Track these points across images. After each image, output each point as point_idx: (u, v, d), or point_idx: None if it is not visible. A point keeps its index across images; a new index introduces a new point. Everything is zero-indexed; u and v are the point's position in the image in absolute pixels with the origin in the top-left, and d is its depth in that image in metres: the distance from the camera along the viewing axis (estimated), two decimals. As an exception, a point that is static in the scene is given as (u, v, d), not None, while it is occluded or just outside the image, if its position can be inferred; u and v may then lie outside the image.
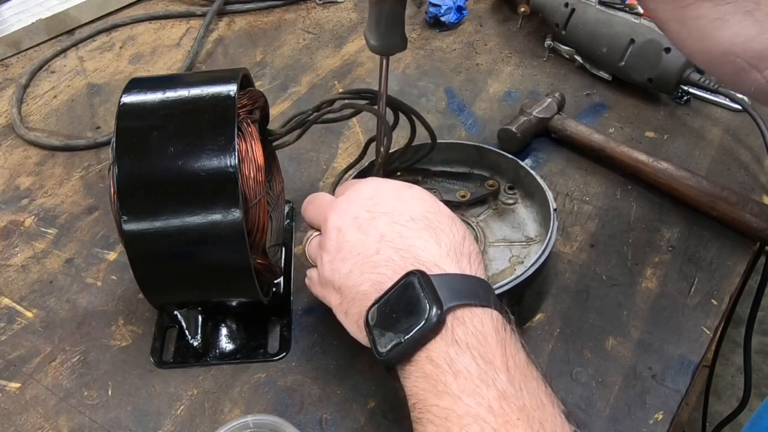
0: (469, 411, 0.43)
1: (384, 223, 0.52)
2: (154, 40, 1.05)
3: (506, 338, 0.46)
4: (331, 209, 0.56)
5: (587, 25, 0.92)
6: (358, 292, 0.51)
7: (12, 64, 1.01)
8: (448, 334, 0.46)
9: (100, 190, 0.82)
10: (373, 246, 0.52)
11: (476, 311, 0.47)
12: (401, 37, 0.60)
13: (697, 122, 0.88)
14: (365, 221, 0.53)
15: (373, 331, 0.49)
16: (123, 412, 0.62)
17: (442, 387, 0.44)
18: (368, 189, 0.56)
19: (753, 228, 0.73)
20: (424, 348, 0.46)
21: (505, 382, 0.44)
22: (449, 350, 0.45)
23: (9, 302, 0.71)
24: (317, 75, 0.97)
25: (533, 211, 0.72)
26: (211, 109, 0.57)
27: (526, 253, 0.69)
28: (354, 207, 0.55)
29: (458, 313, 0.46)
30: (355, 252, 0.52)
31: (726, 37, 0.53)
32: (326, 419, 0.61)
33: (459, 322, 0.46)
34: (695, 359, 0.64)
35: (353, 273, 0.52)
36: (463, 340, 0.45)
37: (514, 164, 0.73)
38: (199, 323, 0.65)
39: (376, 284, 0.50)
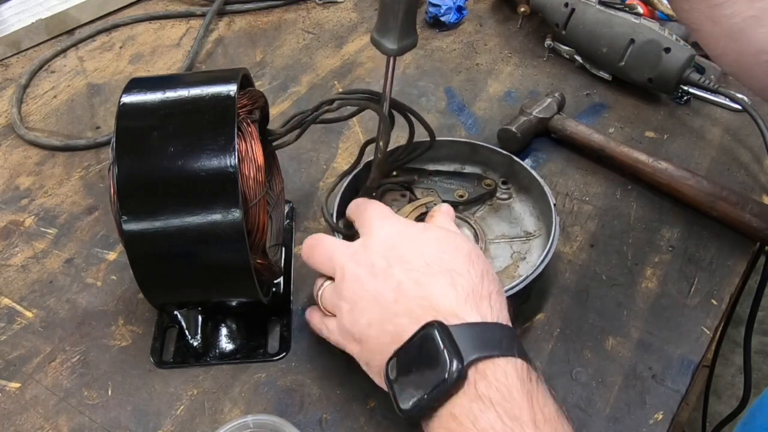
0: None
1: (400, 271, 0.51)
2: (154, 40, 1.05)
3: (533, 389, 0.45)
4: (345, 256, 0.55)
5: (587, 25, 0.92)
6: (378, 344, 0.50)
7: (12, 64, 1.01)
8: (470, 390, 0.44)
9: (100, 190, 0.82)
10: (391, 295, 0.51)
11: (499, 362, 0.45)
12: (415, 34, 0.59)
13: (697, 122, 0.88)
14: (382, 269, 0.52)
15: (394, 385, 0.48)
16: (123, 412, 0.62)
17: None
18: (383, 233, 0.55)
19: (753, 228, 0.73)
20: (446, 404, 0.45)
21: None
22: (472, 407, 0.44)
23: (9, 302, 0.71)
24: (317, 75, 0.97)
25: (529, 206, 0.73)
26: (211, 109, 0.57)
27: (527, 248, 0.69)
28: (370, 253, 0.54)
29: (480, 367, 0.45)
30: (374, 302, 0.51)
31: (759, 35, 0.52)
32: (326, 419, 0.61)
33: (481, 376, 0.45)
34: (695, 359, 0.64)
35: (373, 325, 0.51)
36: (486, 396, 0.44)
37: (507, 159, 0.74)
38: (199, 323, 0.65)
39: (396, 336, 0.49)
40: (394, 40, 0.57)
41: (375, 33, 0.58)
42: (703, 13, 0.55)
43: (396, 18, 0.56)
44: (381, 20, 0.57)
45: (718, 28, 0.54)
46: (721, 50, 0.56)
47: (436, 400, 0.45)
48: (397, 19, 0.56)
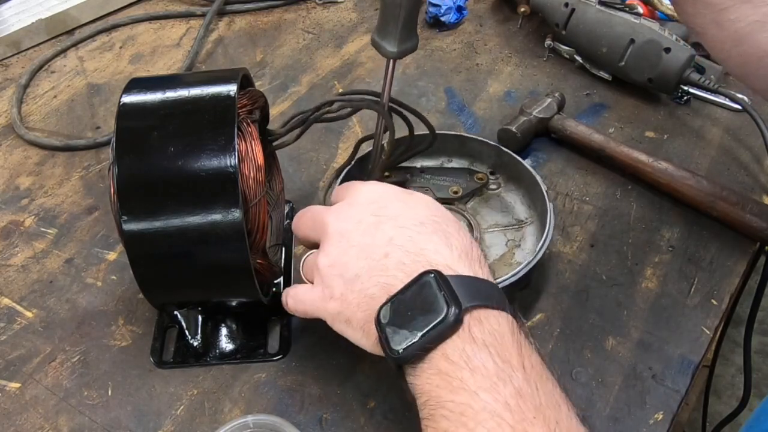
0: (486, 407, 0.42)
1: (391, 227, 0.52)
2: (154, 40, 1.05)
3: (521, 340, 0.46)
4: (330, 215, 0.55)
5: (587, 25, 0.92)
6: (365, 296, 0.50)
7: (12, 64, 1.01)
8: (465, 333, 0.45)
9: (100, 190, 0.82)
10: (381, 250, 0.51)
11: (492, 313, 0.47)
12: (416, 37, 0.59)
13: (697, 122, 0.88)
14: (371, 225, 0.52)
15: (386, 329, 0.48)
16: (123, 412, 0.62)
17: (458, 383, 0.44)
18: (369, 192, 0.55)
19: (753, 228, 0.73)
20: (440, 346, 0.46)
21: (521, 381, 0.44)
22: (466, 347, 0.45)
23: (9, 302, 0.71)
24: (317, 75, 0.97)
25: (519, 195, 0.74)
26: (211, 109, 0.57)
27: (520, 235, 0.70)
28: (356, 211, 0.54)
29: (475, 314, 0.46)
30: (362, 256, 0.51)
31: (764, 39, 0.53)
32: (326, 419, 0.61)
33: (476, 321, 0.46)
34: (695, 359, 0.64)
35: (360, 277, 0.51)
36: (479, 339, 0.45)
37: (495, 150, 0.75)
38: (199, 323, 0.65)
39: (386, 287, 0.49)
40: (395, 43, 0.57)
41: (375, 35, 0.58)
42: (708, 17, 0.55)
43: (397, 21, 0.56)
44: (382, 22, 0.57)
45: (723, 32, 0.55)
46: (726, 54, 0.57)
47: (431, 342, 0.46)
48: (398, 23, 0.56)
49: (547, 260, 0.72)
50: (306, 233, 0.58)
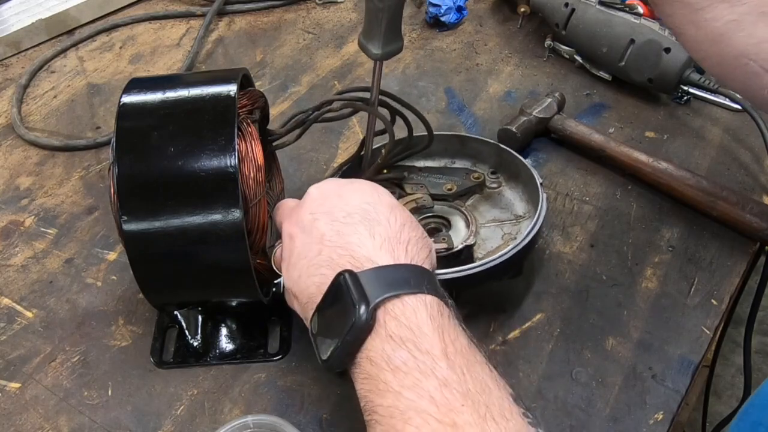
0: (411, 405, 0.42)
1: (324, 223, 0.53)
2: (154, 40, 1.05)
3: (443, 324, 0.46)
4: (285, 217, 0.57)
5: (587, 25, 0.92)
6: (308, 296, 0.52)
7: (12, 64, 1.01)
8: (381, 331, 0.45)
9: (100, 190, 0.82)
10: (315, 247, 0.52)
11: (408, 300, 0.46)
12: (401, 40, 0.60)
13: (697, 122, 0.88)
14: (308, 223, 0.54)
15: (316, 339, 0.49)
16: (123, 412, 0.62)
17: (383, 386, 0.44)
18: (315, 191, 0.57)
19: (753, 228, 0.73)
20: (363, 349, 0.46)
21: (445, 370, 0.43)
22: (385, 347, 0.45)
23: (9, 302, 0.71)
24: (317, 75, 0.97)
25: (519, 192, 0.74)
26: (211, 109, 0.57)
27: (517, 229, 0.70)
28: (301, 211, 0.55)
29: (389, 307, 0.46)
30: (302, 256, 0.53)
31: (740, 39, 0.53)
32: (326, 419, 0.61)
33: (391, 317, 0.46)
34: (695, 359, 0.64)
35: (302, 277, 0.52)
36: (397, 335, 0.45)
37: (495, 149, 0.75)
38: (199, 323, 0.65)
39: (320, 285, 0.50)
40: (379, 45, 0.59)
41: (361, 37, 0.61)
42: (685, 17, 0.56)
43: (380, 25, 0.57)
44: (367, 25, 0.59)
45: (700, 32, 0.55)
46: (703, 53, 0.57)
47: (351, 345, 0.46)
48: (381, 26, 0.57)
49: (547, 260, 0.72)
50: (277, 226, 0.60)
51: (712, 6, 0.53)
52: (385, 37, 0.59)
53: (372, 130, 0.66)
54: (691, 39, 0.57)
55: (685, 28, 0.57)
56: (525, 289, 0.70)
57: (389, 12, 0.57)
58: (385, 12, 0.57)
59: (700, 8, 0.54)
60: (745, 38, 0.53)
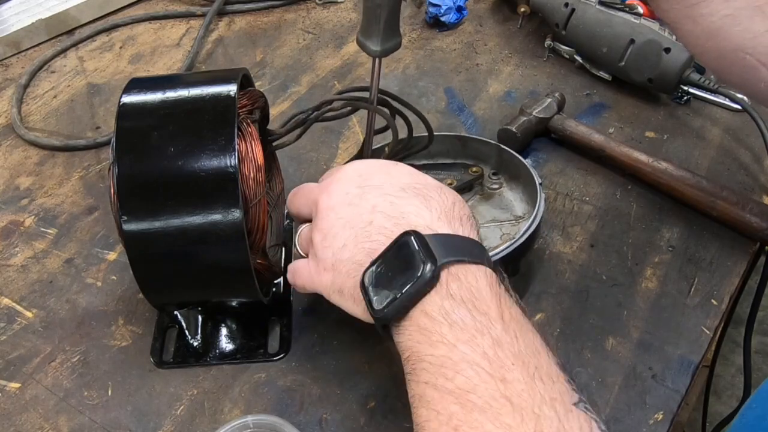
0: (464, 357, 0.43)
1: (375, 195, 0.53)
2: (154, 40, 1.05)
3: (500, 292, 0.47)
4: (320, 192, 0.56)
5: (587, 25, 0.92)
6: (353, 264, 0.52)
7: (12, 64, 1.01)
8: (443, 289, 0.46)
9: (100, 190, 0.82)
10: (366, 217, 0.52)
11: (470, 268, 0.47)
12: (399, 36, 0.60)
13: (697, 122, 0.88)
14: (356, 196, 0.54)
15: (369, 291, 0.49)
16: (123, 412, 0.62)
17: (438, 337, 0.45)
18: (355, 168, 0.57)
19: (753, 228, 0.73)
20: (419, 303, 0.46)
21: (500, 331, 0.44)
22: (444, 303, 0.46)
23: (9, 302, 0.71)
24: (317, 75, 0.97)
25: (519, 192, 0.74)
26: (211, 109, 0.57)
27: (516, 230, 0.70)
28: (344, 185, 0.55)
29: (452, 269, 0.47)
30: (348, 226, 0.53)
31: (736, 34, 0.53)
32: (326, 419, 0.61)
33: (453, 278, 0.47)
34: (695, 359, 0.64)
35: (347, 246, 0.52)
36: (457, 294, 0.46)
37: (496, 149, 0.75)
38: (199, 323, 0.65)
39: (371, 252, 0.50)
40: (378, 42, 0.59)
41: (360, 35, 0.60)
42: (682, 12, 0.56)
43: (378, 21, 0.58)
44: (364, 23, 0.59)
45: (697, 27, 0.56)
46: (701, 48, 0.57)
47: (410, 299, 0.47)
48: (380, 23, 0.58)
49: (547, 260, 0.72)
50: (299, 210, 0.60)
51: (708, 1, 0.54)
52: (384, 33, 0.59)
53: (372, 128, 0.66)
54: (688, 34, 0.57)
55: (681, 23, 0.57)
56: (524, 289, 0.70)
57: (387, 8, 0.57)
58: (383, 8, 0.57)
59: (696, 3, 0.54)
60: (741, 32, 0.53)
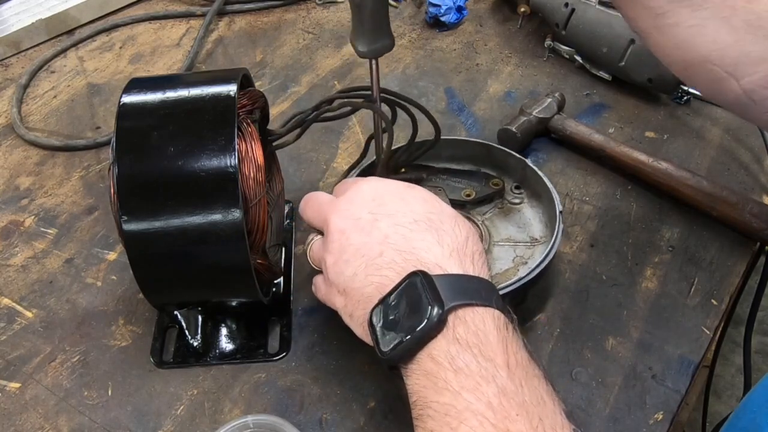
0: (469, 406, 0.43)
1: (387, 225, 0.52)
2: (154, 40, 1.05)
3: (507, 337, 0.47)
4: (332, 211, 0.56)
5: (587, 25, 0.92)
6: (362, 295, 0.51)
7: (12, 64, 1.01)
8: (449, 333, 0.46)
9: (100, 190, 0.82)
10: (376, 248, 0.52)
11: (477, 310, 0.47)
12: (388, 37, 0.59)
13: (697, 122, 0.88)
14: (368, 223, 0.53)
15: (377, 331, 0.49)
16: (123, 412, 0.62)
17: (443, 384, 0.45)
18: (370, 189, 0.56)
19: (753, 228, 0.73)
20: (426, 347, 0.46)
21: (505, 379, 0.44)
22: (450, 348, 0.45)
23: (9, 302, 0.71)
24: (317, 75, 0.97)
25: (539, 212, 0.72)
26: (211, 109, 0.57)
27: (530, 254, 0.69)
28: (356, 208, 0.54)
29: (459, 313, 0.47)
30: (359, 254, 0.52)
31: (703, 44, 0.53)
32: (326, 419, 0.61)
33: (460, 321, 0.46)
34: (695, 359, 0.64)
35: (358, 276, 0.52)
36: (464, 339, 0.45)
37: (521, 164, 0.74)
38: (199, 323, 0.65)
39: (380, 286, 0.50)
40: (365, 42, 0.58)
41: (351, 35, 0.60)
42: (648, 21, 0.55)
43: (362, 21, 0.57)
44: (353, 23, 0.58)
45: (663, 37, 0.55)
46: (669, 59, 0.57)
47: (417, 344, 0.46)
48: (363, 22, 0.57)
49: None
50: (310, 220, 0.60)
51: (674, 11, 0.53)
52: (370, 33, 0.58)
53: (379, 128, 0.66)
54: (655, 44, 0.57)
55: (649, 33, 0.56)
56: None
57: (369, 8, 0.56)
58: (364, 8, 0.56)
59: (662, 13, 0.54)
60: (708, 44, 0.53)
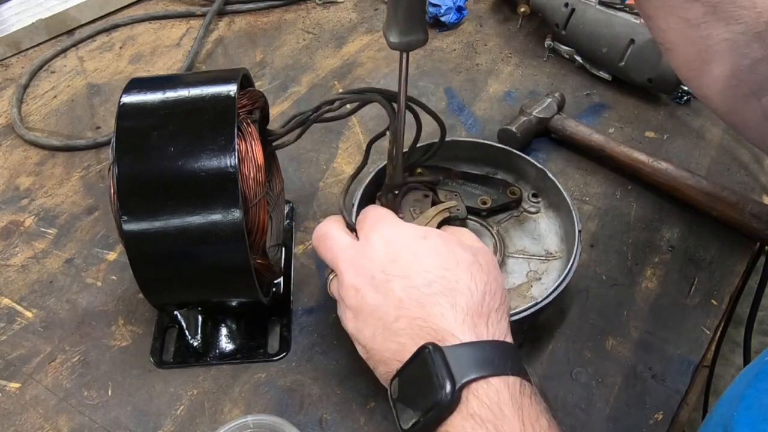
0: None
1: (400, 288, 0.52)
2: (154, 40, 1.05)
3: (524, 405, 0.46)
4: (345, 264, 0.55)
5: (587, 25, 0.92)
6: (382, 357, 0.52)
7: (12, 64, 1.01)
8: (463, 409, 0.46)
9: (100, 190, 0.82)
10: (392, 313, 0.51)
11: (491, 381, 0.46)
12: (423, 32, 0.58)
13: (697, 122, 0.88)
14: (381, 283, 0.52)
15: (396, 405, 0.49)
16: (123, 412, 0.62)
17: None
18: (381, 242, 0.55)
19: (753, 228, 0.73)
20: (443, 424, 0.46)
21: None
22: (465, 425, 0.45)
23: (9, 302, 0.71)
24: (317, 75, 0.97)
25: (555, 224, 0.71)
26: (211, 109, 0.57)
27: (544, 269, 0.68)
28: (369, 265, 0.54)
29: (473, 387, 0.46)
30: (375, 316, 0.52)
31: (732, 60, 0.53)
32: (326, 419, 0.61)
33: (474, 396, 0.46)
34: (695, 359, 0.64)
35: (376, 338, 0.52)
36: (478, 414, 0.45)
37: (541, 173, 0.72)
38: (199, 323, 0.65)
39: (397, 353, 0.50)
40: (396, 33, 0.56)
41: (384, 24, 0.58)
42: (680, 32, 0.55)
43: (396, 11, 0.56)
44: (388, 12, 0.57)
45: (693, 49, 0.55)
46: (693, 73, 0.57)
47: (433, 422, 0.46)
48: (398, 12, 0.56)
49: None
50: (322, 257, 0.58)
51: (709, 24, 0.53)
52: (403, 24, 0.56)
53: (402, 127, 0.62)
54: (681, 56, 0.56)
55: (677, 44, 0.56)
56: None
57: None
58: None
59: (696, 24, 0.53)
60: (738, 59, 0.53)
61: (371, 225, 0.57)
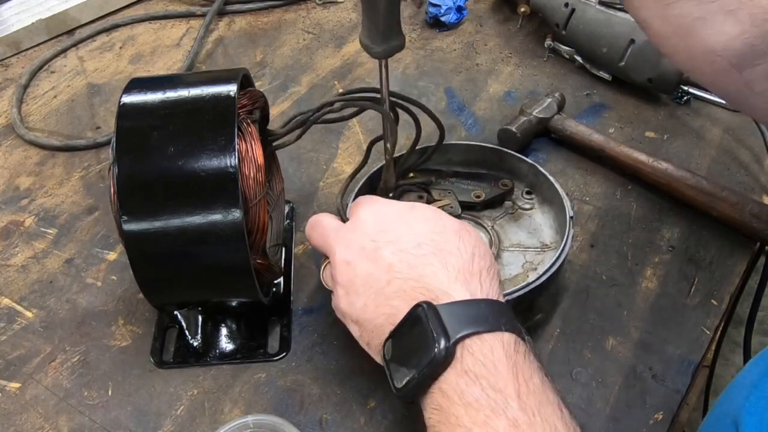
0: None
1: (391, 252, 0.52)
2: (154, 40, 1.05)
3: (518, 362, 0.46)
4: (336, 241, 0.55)
5: (587, 25, 0.92)
6: (375, 326, 0.51)
7: (12, 64, 1.01)
8: (458, 365, 0.46)
9: (100, 190, 0.82)
10: (383, 278, 0.51)
11: (486, 338, 0.46)
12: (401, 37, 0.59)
13: (697, 122, 0.88)
14: (372, 251, 0.53)
15: (390, 365, 0.49)
16: (123, 412, 0.62)
17: (454, 419, 0.44)
18: (371, 216, 0.55)
19: (753, 228, 0.73)
20: (436, 381, 0.46)
21: (516, 410, 0.43)
22: (459, 381, 0.45)
23: (9, 302, 0.71)
24: (317, 75, 0.97)
25: (550, 218, 0.72)
26: (211, 109, 0.57)
27: (540, 259, 0.68)
28: (359, 237, 0.54)
29: (467, 343, 0.46)
30: (367, 285, 0.52)
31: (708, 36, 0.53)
32: (326, 419, 0.61)
33: (468, 352, 0.46)
34: (695, 359, 0.64)
35: (368, 306, 0.52)
36: (472, 371, 0.45)
37: (533, 169, 0.73)
38: (199, 323, 0.65)
39: (390, 317, 0.50)
40: (379, 42, 0.58)
41: (362, 36, 0.59)
42: (653, 10, 0.55)
43: (377, 21, 0.56)
44: (365, 23, 0.58)
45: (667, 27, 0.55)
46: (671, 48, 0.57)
47: (427, 378, 0.46)
48: (379, 22, 0.56)
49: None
50: (316, 246, 0.59)
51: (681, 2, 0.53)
52: (384, 33, 0.58)
53: (387, 131, 0.65)
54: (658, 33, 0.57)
55: (652, 22, 0.56)
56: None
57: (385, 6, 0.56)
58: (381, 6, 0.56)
59: (668, 3, 0.53)
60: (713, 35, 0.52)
61: (361, 205, 0.58)
